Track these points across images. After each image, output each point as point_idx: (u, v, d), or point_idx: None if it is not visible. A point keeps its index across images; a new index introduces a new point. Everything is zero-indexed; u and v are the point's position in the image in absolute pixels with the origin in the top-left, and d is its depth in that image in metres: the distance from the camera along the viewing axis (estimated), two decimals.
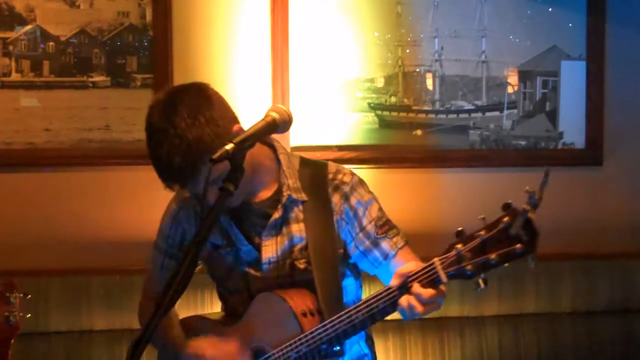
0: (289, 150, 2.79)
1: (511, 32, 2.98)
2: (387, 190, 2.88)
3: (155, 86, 2.78)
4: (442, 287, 1.64)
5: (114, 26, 2.79)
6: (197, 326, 2.06)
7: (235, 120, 1.81)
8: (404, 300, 1.64)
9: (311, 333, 1.80)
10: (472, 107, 2.98)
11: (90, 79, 2.78)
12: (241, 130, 1.77)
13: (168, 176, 1.77)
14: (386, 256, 1.93)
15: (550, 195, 3.11)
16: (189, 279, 1.53)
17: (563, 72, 3.02)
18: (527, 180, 3.19)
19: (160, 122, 1.73)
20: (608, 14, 3.00)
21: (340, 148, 2.87)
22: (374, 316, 1.72)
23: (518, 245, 1.44)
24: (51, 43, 2.77)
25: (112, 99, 2.80)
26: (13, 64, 2.76)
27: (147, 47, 2.80)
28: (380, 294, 1.71)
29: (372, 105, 2.92)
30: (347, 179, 1.96)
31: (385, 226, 1.95)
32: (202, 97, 1.78)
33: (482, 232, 1.49)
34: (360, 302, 1.75)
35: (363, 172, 2.88)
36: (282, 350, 1.84)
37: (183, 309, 2.61)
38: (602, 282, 2.84)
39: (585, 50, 3.01)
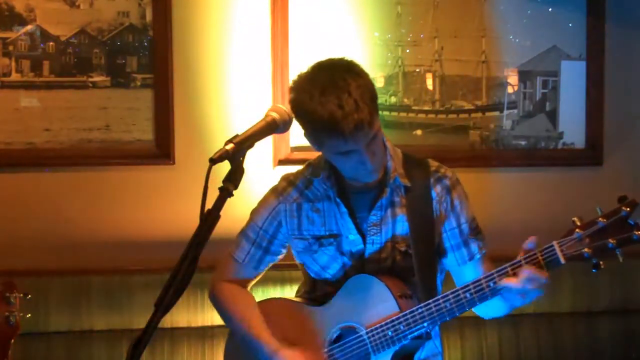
0: (288, 150, 2.81)
1: (511, 32, 2.98)
2: None
3: (155, 86, 2.78)
4: (546, 273, 1.75)
5: (114, 26, 2.79)
6: (279, 307, 2.12)
7: None
8: (511, 279, 1.77)
9: (411, 312, 1.88)
10: (472, 107, 2.98)
11: (90, 79, 2.78)
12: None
13: (352, 121, 1.80)
14: (472, 257, 2.04)
15: (550, 195, 3.14)
16: (189, 279, 1.53)
17: (563, 72, 3.02)
18: (527, 180, 3.22)
19: (332, 82, 1.81)
20: (608, 14, 3.00)
21: None
22: (483, 295, 1.83)
23: (637, 232, 1.62)
24: (51, 43, 2.77)
25: (112, 99, 2.80)
26: (13, 64, 2.76)
27: (147, 47, 2.80)
28: (480, 280, 1.82)
29: None
30: (449, 173, 2.06)
31: (477, 229, 2.06)
32: (356, 66, 1.89)
33: (601, 219, 1.66)
34: (469, 282, 1.84)
35: None
36: (379, 328, 1.91)
37: (183, 309, 2.62)
38: (602, 282, 2.84)
39: (585, 50, 3.01)
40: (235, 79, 2.83)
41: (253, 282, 2.18)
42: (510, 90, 3.00)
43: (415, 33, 2.93)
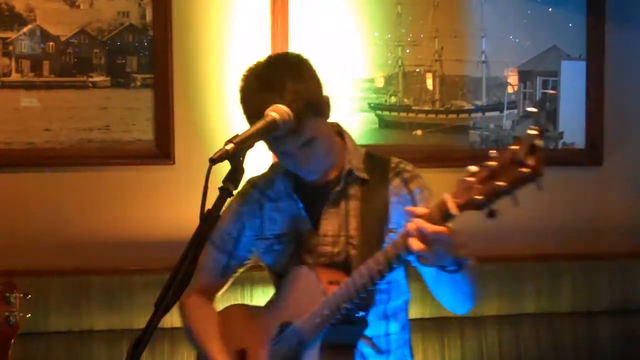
0: None
1: (511, 32, 2.98)
2: None
3: (155, 86, 2.78)
4: (450, 225, 1.59)
5: (114, 26, 2.79)
6: (235, 314, 2.13)
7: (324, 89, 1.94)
8: (411, 238, 1.61)
9: (333, 294, 1.81)
10: (472, 107, 2.98)
11: (90, 79, 2.78)
12: (328, 99, 1.94)
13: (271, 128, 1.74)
14: None
15: (550, 195, 3.14)
16: (189, 279, 1.52)
17: (563, 72, 3.02)
18: None
19: (266, 79, 1.82)
20: (608, 14, 3.00)
21: None
22: (391, 265, 1.70)
23: (525, 170, 1.44)
24: (51, 43, 2.77)
25: (112, 99, 2.80)
26: (13, 64, 2.76)
27: (147, 47, 2.80)
28: (395, 240, 1.70)
29: (372, 105, 2.92)
30: (409, 167, 2.02)
31: None
32: (302, 60, 1.91)
33: (490, 163, 1.49)
34: (378, 253, 1.74)
35: None
36: (309, 316, 1.86)
37: None
38: (602, 282, 2.84)
39: (585, 50, 3.01)
40: (235, 79, 2.80)
41: (221, 291, 2.17)
42: (510, 90, 3.00)
43: (415, 33, 2.93)
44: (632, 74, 3.06)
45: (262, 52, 2.83)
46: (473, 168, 1.51)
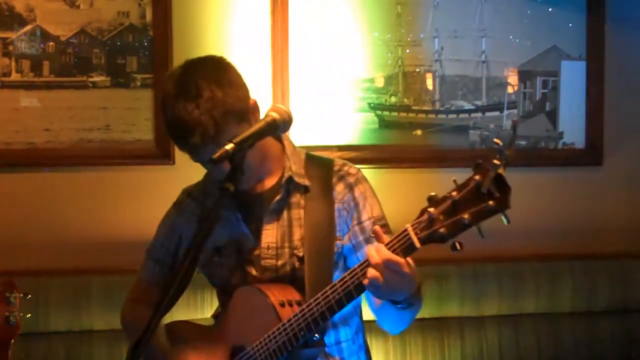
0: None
1: (511, 32, 2.98)
2: (387, 190, 2.88)
3: (155, 86, 2.78)
4: (410, 260, 1.53)
5: (114, 26, 2.79)
6: (182, 331, 2.02)
7: (249, 93, 1.84)
8: (371, 267, 1.54)
9: (289, 321, 1.73)
10: (472, 107, 2.98)
11: (90, 79, 2.78)
12: (255, 104, 1.84)
13: (192, 138, 1.73)
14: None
15: (550, 195, 3.14)
16: (189, 279, 1.52)
17: (563, 72, 3.02)
18: (527, 180, 3.22)
19: (182, 86, 1.74)
20: (608, 14, 3.00)
21: (340, 148, 2.87)
22: (350, 293, 1.63)
23: (490, 202, 1.37)
24: (51, 43, 2.77)
25: (112, 99, 2.80)
26: (13, 64, 2.76)
27: (147, 47, 2.80)
28: (355, 269, 1.63)
29: (372, 105, 2.92)
30: (353, 171, 1.95)
31: (383, 229, 1.77)
32: (221, 64, 1.82)
33: (453, 193, 1.43)
34: (336, 281, 1.67)
35: (363, 172, 2.88)
36: (260, 343, 1.77)
37: (183, 309, 2.61)
38: (602, 282, 2.84)
39: (585, 50, 3.01)
40: None
41: None
42: (510, 90, 3.00)
43: (415, 33, 2.92)
44: (632, 74, 3.06)
45: (262, 52, 2.83)
46: (435, 198, 1.45)
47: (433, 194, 1.47)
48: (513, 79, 3.00)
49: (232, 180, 1.58)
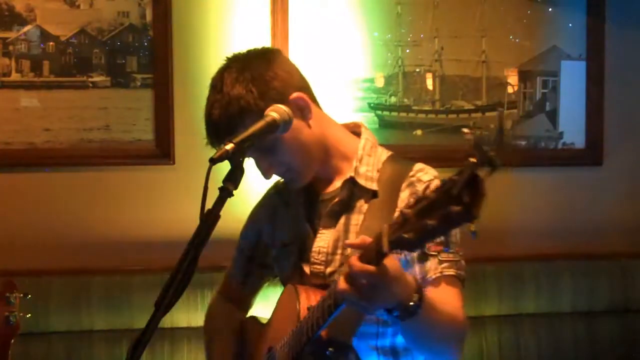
0: None
1: (511, 32, 2.98)
2: None
3: (155, 86, 2.78)
4: (389, 265, 1.33)
5: (114, 26, 2.79)
6: (248, 328, 2.00)
7: (298, 87, 1.74)
8: (340, 279, 1.37)
9: (298, 327, 1.62)
10: (472, 107, 2.98)
11: (90, 79, 2.78)
12: (302, 99, 1.73)
13: (208, 132, 1.75)
14: (424, 276, 1.64)
15: (550, 195, 3.13)
16: (189, 279, 1.52)
17: (563, 72, 3.02)
18: (527, 180, 3.21)
19: (215, 78, 1.74)
20: (608, 14, 3.00)
21: None
22: (338, 303, 1.47)
23: (455, 208, 1.10)
24: (51, 43, 2.77)
25: (112, 99, 2.80)
26: (13, 64, 2.76)
27: (147, 47, 2.80)
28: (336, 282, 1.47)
29: (372, 105, 2.92)
30: (426, 178, 1.72)
31: (441, 246, 1.64)
32: (258, 57, 1.75)
33: (431, 193, 1.17)
34: (331, 286, 1.52)
35: None
36: (282, 345, 1.71)
37: (183, 309, 2.61)
38: (602, 282, 2.84)
39: (585, 50, 3.01)
40: None
41: (251, 298, 2.05)
42: (510, 90, 3.00)
43: (415, 33, 2.93)
44: (632, 74, 3.06)
45: None
46: (419, 195, 1.22)
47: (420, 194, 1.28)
48: (513, 79, 3.00)
49: (232, 180, 1.57)
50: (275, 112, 1.68)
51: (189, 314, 2.63)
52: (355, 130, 1.87)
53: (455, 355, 1.66)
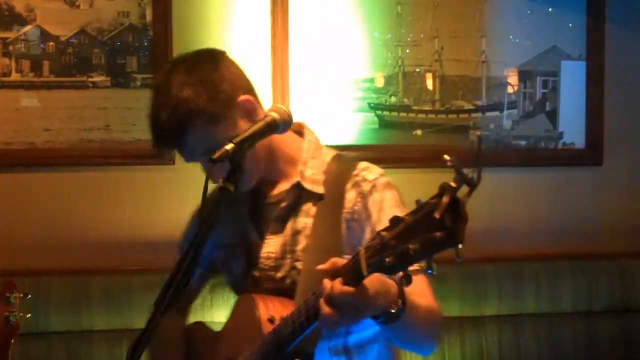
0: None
1: (511, 32, 2.98)
2: None
3: None
4: (365, 287, 1.32)
5: (114, 26, 2.79)
6: (196, 336, 1.93)
7: (246, 90, 1.72)
8: (321, 301, 1.35)
9: (264, 339, 1.59)
10: (472, 107, 2.98)
11: (90, 79, 2.78)
12: (249, 102, 1.71)
13: (156, 137, 1.69)
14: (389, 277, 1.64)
15: (550, 196, 3.14)
16: (189, 279, 1.52)
17: (563, 72, 3.02)
18: (527, 180, 3.22)
19: (158, 81, 1.71)
20: (608, 14, 3.00)
21: (340, 148, 2.85)
22: (309, 320, 1.46)
23: (438, 233, 1.11)
24: (51, 43, 2.77)
25: (112, 99, 2.80)
26: (13, 64, 2.76)
27: (147, 47, 2.80)
28: (314, 293, 1.45)
29: (372, 105, 2.92)
30: (370, 176, 1.73)
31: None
32: (205, 59, 1.73)
33: (408, 217, 1.19)
34: (302, 303, 1.51)
35: None
36: (245, 358, 1.65)
37: None
38: (602, 282, 2.84)
39: (585, 50, 3.01)
40: None
41: (192, 301, 2.02)
42: (510, 90, 3.00)
43: (415, 33, 2.92)
44: (632, 74, 3.06)
45: (262, 52, 2.83)
46: (395, 218, 1.22)
47: (396, 215, 1.24)
48: (513, 79, 3.00)
49: (232, 181, 1.57)
50: (275, 112, 1.67)
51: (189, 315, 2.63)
52: (298, 130, 1.84)
53: (436, 343, 1.69)
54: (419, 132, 2.95)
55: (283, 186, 1.77)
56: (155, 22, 2.78)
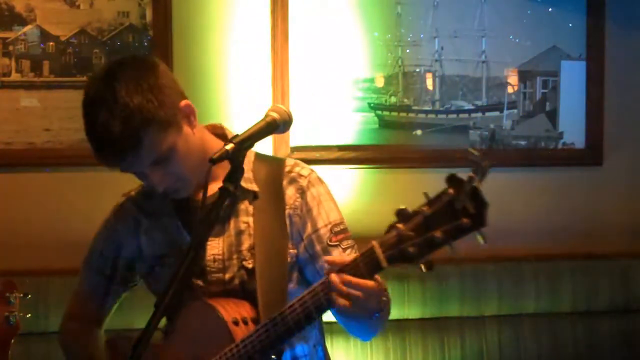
0: (288, 150, 2.80)
1: (511, 32, 2.98)
2: (387, 191, 2.89)
3: None
4: (379, 279, 1.45)
5: (114, 26, 2.79)
6: (124, 347, 1.87)
7: (182, 95, 1.72)
8: (335, 293, 1.46)
9: (242, 342, 1.62)
10: (472, 107, 2.98)
11: None
12: (189, 107, 1.71)
13: (107, 150, 1.63)
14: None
15: (550, 195, 3.13)
16: (189, 279, 1.52)
17: (563, 72, 3.02)
18: (527, 180, 3.21)
19: (99, 91, 1.64)
20: (608, 14, 3.00)
21: (340, 148, 2.87)
22: (310, 315, 1.54)
23: (465, 220, 1.26)
24: (51, 43, 2.77)
25: None
26: (13, 64, 2.76)
27: (147, 47, 2.80)
28: (315, 288, 1.53)
29: (372, 105, 2.92)
30: (305, 172, 1.81)
31: (341, 234, 1.77)
32: (145, 66, 1.67)
33: (424, 208, 1.31)
34: (295, 300, 1.57)
35: (363, 172, 2.89)
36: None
37: None
38: (602, 282, 2.84)
39: (585, 50, 3.01)
40: (235, 79, 2.83)
41: (107, 317, 2.01)
42: (510, 90, 3.00)
43: (415, 33, 2.92)
44: (632, 74, 3.06)
45: (262, 52, 2.83)
46: (405, 212, 1.34)
47: (402, 207, 1.36)
48: (513, 79, 3.00)
49: (232, 181, 1.57)
50: (275, 112, 1.67)
51: None
52: (219, 132, 1.86)
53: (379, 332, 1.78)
54: (419, 132, 2.95)
55: (215, 187, 1.69)
56: (155, 22, 2.78)
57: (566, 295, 2.82)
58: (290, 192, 1.78)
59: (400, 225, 1.34)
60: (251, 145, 1.62)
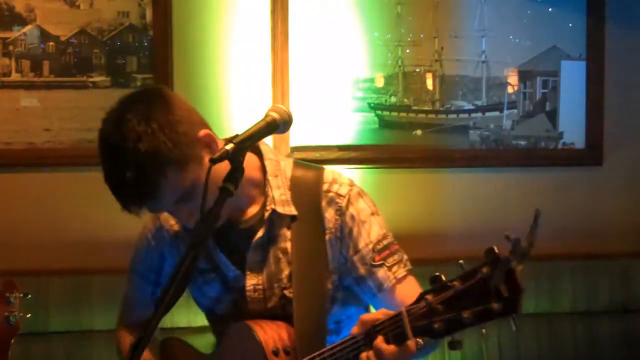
0: (288, 150, 2.80)
1: (511, 32, 2.98)
2: (387, 191, 2.89)
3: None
4: (410, 344, 1.41)
5: (114, 26, 2.79)
6: (176, 353, 1.90)
7: (201, 124, 1.66)
8: (364, 356, 1.44)
9: None
10: (472, 107, 2.98)
11: (90, 79, 2.78)
12: (209, 136, 1.64)
13: (124, 198, 1.61)
14: (380, 288, 1.71)
15: (550, 196, 3.13)
16: (189, 279, 1.52)
17: (563, 72, 3.02)
18: (527, 180, 3.21)
19: (110, 138, 1.57)
20: (608, 14, 3.00)
21: (340, 148, 2.87)
22: None
23: (495, 305, 1.20)
24: (51, 43, 2.77)
25: (112, 99, 2.73)
26: (13, 64, 2.76)
27: (147, 47, 2.80)
28: (345, 341, 1.51)
29: (372, 105, 2.92)
30: (343, 190, 1.75)
31: (385, 251, 1.72)
32: (155, 101, 1.60)
33: (457, 283, 1.27)
34: (326, 349, 1.56)
35: (363, 172, 2.89)
36: None
37: (183, 309, 2.61)
38: (602, 282, 2.84)
39: (585, 50, 3.01)
40: (235, 79, 2.83)
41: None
42: (510, 90, 3.00)
43: (415, 33, 2.92)
44: (632, 74, 3.06)
45: (262, 52, 2.83)
46: (438, 281, 1.29)
47: (437, 274, 1.32)
48: (513, 79, 3.00)
49: (232, 181, 1.57)
50: (275, 112, 1.66)
51: (189, 314, 2.63)
52: (257, 149, 1.80)
53: None
54: (419, 132, 2.95)
55: (252, 210, 1.72)
56: (155, 22, 2.78)
57: (566, 295, 2.83)
58: (329, 215, 1.72)
59: (430, 297, 1.31)
60: (251, 146, 1.60)
